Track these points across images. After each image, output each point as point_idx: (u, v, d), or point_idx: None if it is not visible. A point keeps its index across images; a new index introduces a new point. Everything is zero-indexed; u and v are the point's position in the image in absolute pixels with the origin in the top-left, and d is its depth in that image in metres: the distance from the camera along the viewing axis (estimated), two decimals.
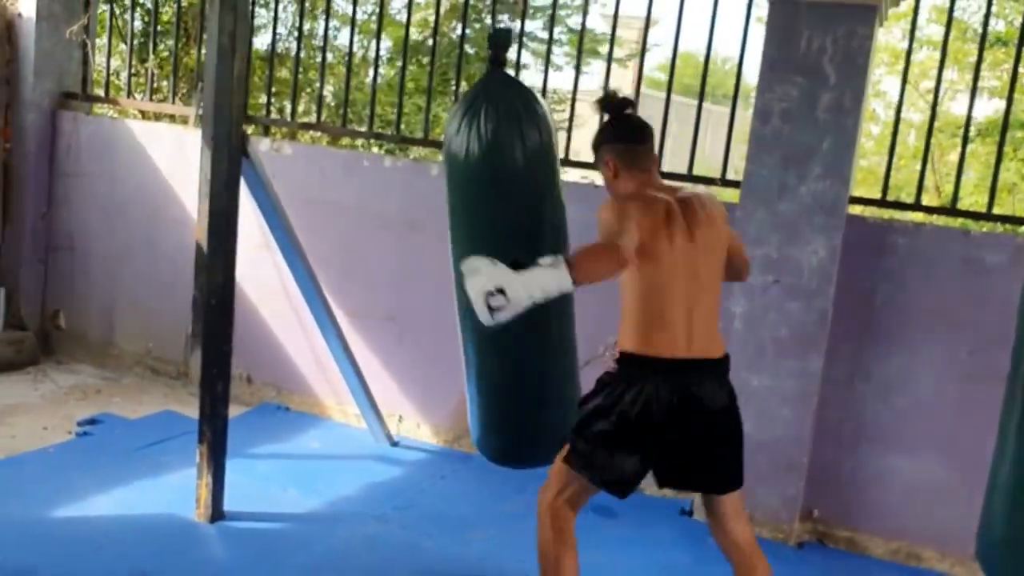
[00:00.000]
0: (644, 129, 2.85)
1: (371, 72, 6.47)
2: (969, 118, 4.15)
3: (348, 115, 5.16)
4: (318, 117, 5.22)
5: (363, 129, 6.10)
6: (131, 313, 5.41)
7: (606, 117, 2.88)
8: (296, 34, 5.72)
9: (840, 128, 3.83)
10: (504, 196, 2.97)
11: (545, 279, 2.41)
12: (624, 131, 2.83)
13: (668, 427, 2.65)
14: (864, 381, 4.05)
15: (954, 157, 8.90)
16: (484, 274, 2.41)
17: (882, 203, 4.17)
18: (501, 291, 2.38)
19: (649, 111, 3.73)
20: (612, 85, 3.73)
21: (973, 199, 8.11)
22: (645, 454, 2.68)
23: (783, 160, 3.90)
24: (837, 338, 3.97)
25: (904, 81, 4.21)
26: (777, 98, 3.92)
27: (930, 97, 9.37)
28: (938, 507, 3.95)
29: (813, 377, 3.94)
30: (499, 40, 2.93)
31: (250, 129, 4.99)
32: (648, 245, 2.60)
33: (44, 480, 3.80)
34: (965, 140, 4.16)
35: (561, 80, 15.92)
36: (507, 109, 2.89)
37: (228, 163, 3.33)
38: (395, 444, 4.67)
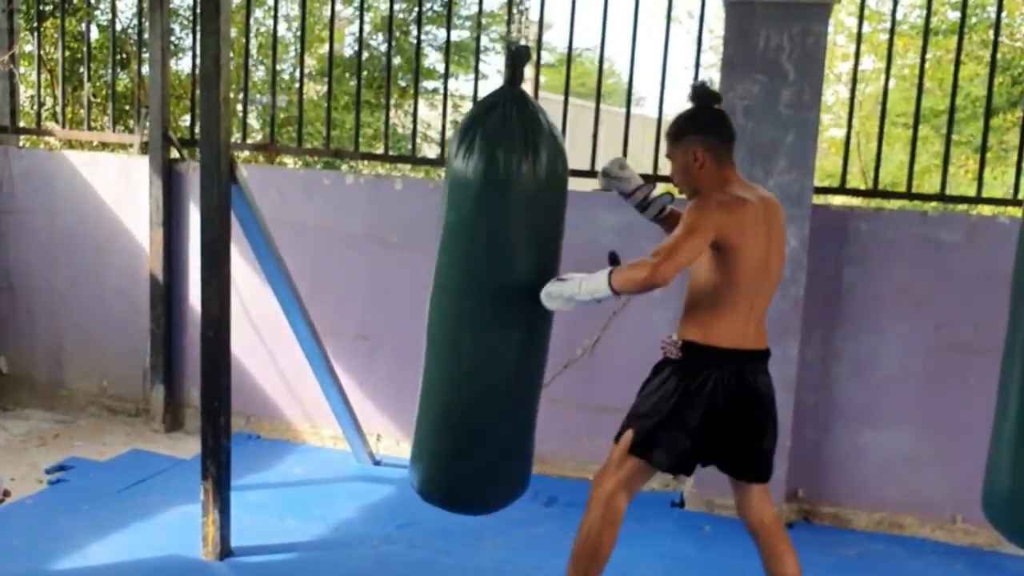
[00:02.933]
0: (733, 128, 2.95)
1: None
2: (884, 106, 4.36)
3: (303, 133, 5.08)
4: (271, 137, 5.12)
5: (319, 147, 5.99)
6: (81, 351, 5.20)
7: (692, 106, 2.93)
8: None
9: (802, 122, 4.00)
10: (513, 216, 2.83)
11: (591, 283, 2.71)
12: (720, 126, 2.91)
13: (728, 412, 2.80)
14: (836, 362, 4.22)
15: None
16: (554, 289, 2.78)
17: (843, 191, 4.35)
18: (555, 295, 2.77)
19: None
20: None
21: (891, 178, 8.59)
22: (704, 436, 2.81)
23: (749, 155, 4.03)
24: (808, 323, 4.13)
25: (855, 80, 4.42)
26: (739, 96, 4.05)
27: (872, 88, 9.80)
28: (914, 476, 4.16)
29: (791, 362, 4.09)
30: (518, 57, 2.92)
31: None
32: (733, 242, 2.72)
33: (32, 533, 3.63)
34: (881, 128, 4.36)
35: (490, 87, 15.86)
36: (520, 128, 2.78)
37: (218, 190, 3.25)
38: (378, 463, 4.63)
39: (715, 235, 2.69)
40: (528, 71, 3.20)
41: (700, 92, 2.94)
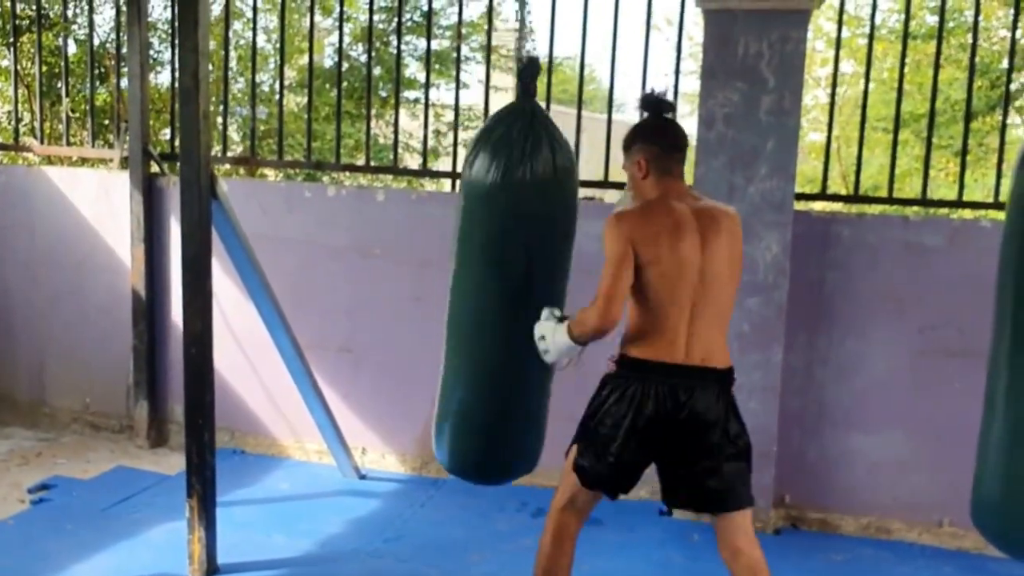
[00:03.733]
0: (683, 137, 2.87)
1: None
2: (864, 111, 4.39)
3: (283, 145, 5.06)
4: (251, 150, 5.10)
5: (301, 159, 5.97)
6: (63, 368, 5.16)
7: (644, 116, 2.89)
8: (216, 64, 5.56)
9: (782, 128, 4.01)
10: (524, 227, 2.95)
11: (559, 336, 2.78)
12: (666, 135, 2.84)
13: (657, 432, 2.68)
14: (821, 367, 4.23)
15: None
16: (540, 323, 2.84)
17: (824, 197, 4.37)
18: (543, 338, 2.82)
19: None
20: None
21: (872, 182, 8.64)
22: (628, 451, 2.71)
23: (730, 163, 4.05)
24: (793, 328, 4.14)
25: (834, 85, 4.44)
26: (719, 104, 4.07)
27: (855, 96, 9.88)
28: (901, 480, 4.16)
29: (776, 368, 4.10)
30: (529, 70, 2.95)
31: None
32: (648, 253, 2.65)
33: (15, 553, 3.58)
34: (862, 133, 4.39)
35: (471, 96, 15.85)
36: (535, 140, 2.89)
37: (199, 205, 3.22)
38: (363, 477, 4.61)
39: (631, 249, 2.65)
40: (509, 80, 3.25)
41: (649, 101, 2.88)
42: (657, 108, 2.87)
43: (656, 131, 2.85)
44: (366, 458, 4.76)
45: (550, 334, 2.79)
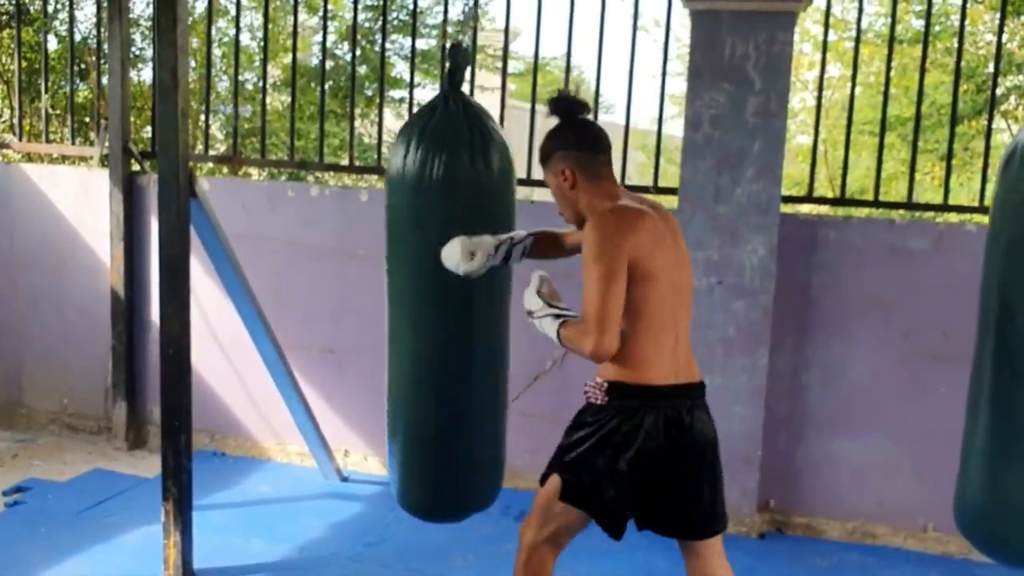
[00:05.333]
0: (604, 136, 2.60)
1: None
2: (851, 114, 4.37)
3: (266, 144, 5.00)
4: (234, 149, 5.03)
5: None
6: (41, 369, 5.09)
7: (557, 121, 2.61)
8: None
9: (769, 130, 3.98)
10: (456, 220, 2.83)
11: (546, 327, 2.50)
12: (584, 138, 2.57)
13: (666, 460, 2.46)
14: (807, 370, 4.21)
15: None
16: (528, 291, 2.59)
17: (811, 199, 4.35)
18: (531, 313, 2.56)
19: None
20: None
21: (858, 185, 8.64)
22: (642, 490, 2.48)
23: (717, 164, 4.02)
24: (779, 332, 4.11)
25: (820, 88, 4.42)
26: (706, 105, 4.04)
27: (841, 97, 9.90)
28: (886, 485, 4.14)
29: (761, 371, 4.07)
30: (457, 58, 2.86)
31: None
32: (644, 265, 2.38)
33: None
34: (848, 136, 4.37)
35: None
36: (460, 131, 2.81)
37: (177, 205, 3.17)
38: (345, 480, 4.56)
39: (628, 261, 2.36)
40: (495, 79, 3.19)
41: (560, 104, 2.59)
42: (571, 110, 2.59)
43: (574, 135, 2.57)
44: (348, 460, 4.71)
45: (538, 314, 2.52)
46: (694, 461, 2.50)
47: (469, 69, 2.99)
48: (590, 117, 2.66)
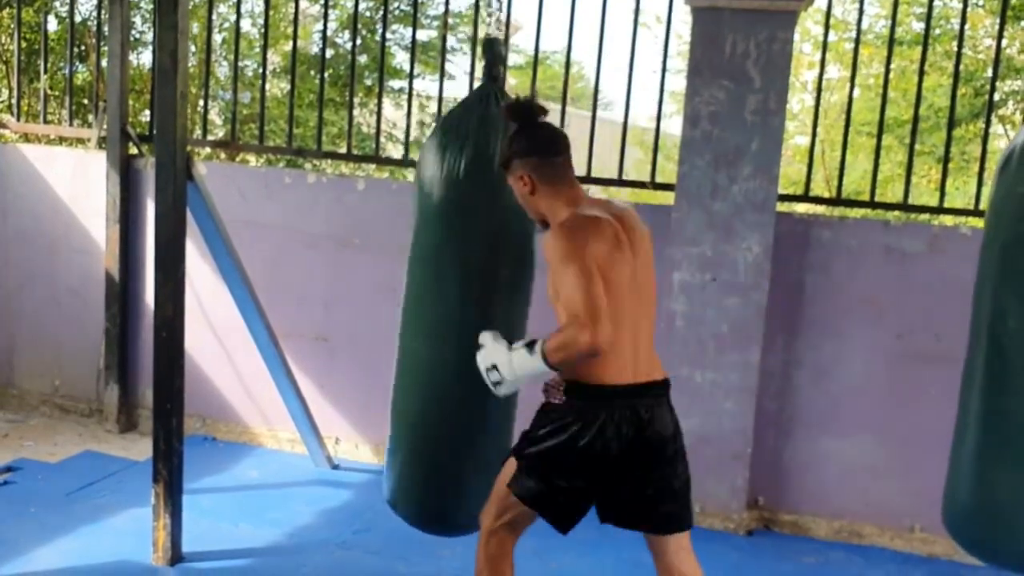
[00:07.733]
0: (561, 138, 2.62)
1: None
2: (849, 115, 4.38)
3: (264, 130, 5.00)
4: (232, 134, 5.03)
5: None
6: (33, 350, 5.08)
7: (515, 126, 2.61)
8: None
9: (767, 128, 3.99)
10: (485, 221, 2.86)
11: (525, 363, 2.42)
12: (540, 142, 2.58)
13: (624, 459, 2.49)
14: (798, 369, 4.22)
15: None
16: (486, 350, 2.51)
17: (807, 199, 4.36)
18: (495, 367, 2.47)
19: None
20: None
21: (855, 186, 8.66)
22: (599, 489, 2.53)
23: (714, 161, 4.02)
24: (771, 330, 4.13)
25: (819, 88, 4.43)
26: (705, 102, 4.04)
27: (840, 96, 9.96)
28: (874, 485, 4.16)
29: (753, 369, 4.08)
30: (494, 52, 2.84)
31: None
32: (604, 270, 2.41)
33: None
34: (846, 137, 4.38)
35: (456, 88, 15.81)
36: (495, 129, 2.80)
37: (173, 188, 3.17)
38: (336, 467, 4.57)
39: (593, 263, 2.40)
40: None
41: (515, 110, 2.60)
42: (528, 114, 2.59)
43: (529, 140, 2.57)
44: (339, 448, 4.72)
45: (505, 361, 2.46)
46: (653, 458, 2.54)
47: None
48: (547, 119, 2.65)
